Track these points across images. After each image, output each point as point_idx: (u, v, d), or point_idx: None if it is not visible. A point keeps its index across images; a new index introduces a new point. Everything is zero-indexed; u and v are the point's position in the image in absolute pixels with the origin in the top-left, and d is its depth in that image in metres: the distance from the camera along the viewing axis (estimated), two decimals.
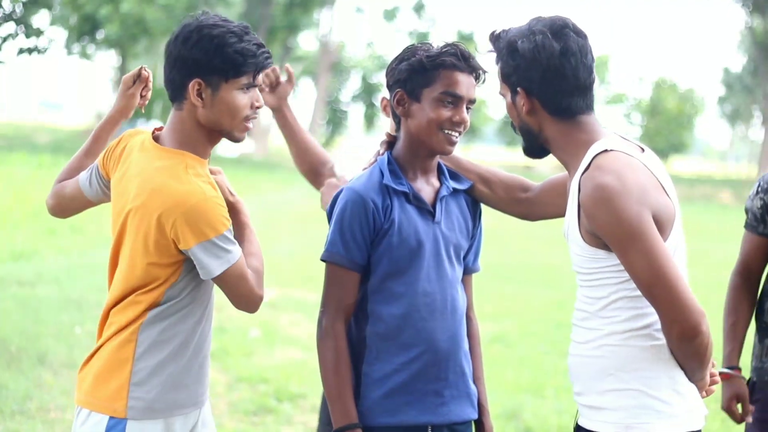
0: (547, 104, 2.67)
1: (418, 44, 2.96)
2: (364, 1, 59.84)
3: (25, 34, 11.05)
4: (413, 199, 2.92)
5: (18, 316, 8.34)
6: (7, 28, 10.81)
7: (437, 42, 2.96)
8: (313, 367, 3.01)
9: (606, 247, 2.57)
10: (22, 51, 11.29)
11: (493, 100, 48.94)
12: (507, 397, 7.01)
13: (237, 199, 2.92)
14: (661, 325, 2.54)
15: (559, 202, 2.96)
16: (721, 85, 63.71)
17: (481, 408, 3.04)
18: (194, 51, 2.69)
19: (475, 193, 3.07)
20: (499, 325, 9.54)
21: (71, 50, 37.46)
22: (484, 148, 57.23)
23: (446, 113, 2.88)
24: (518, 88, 2.69)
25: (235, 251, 2.74)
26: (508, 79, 2.72)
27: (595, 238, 2.57)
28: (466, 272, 3.08)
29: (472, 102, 2.93)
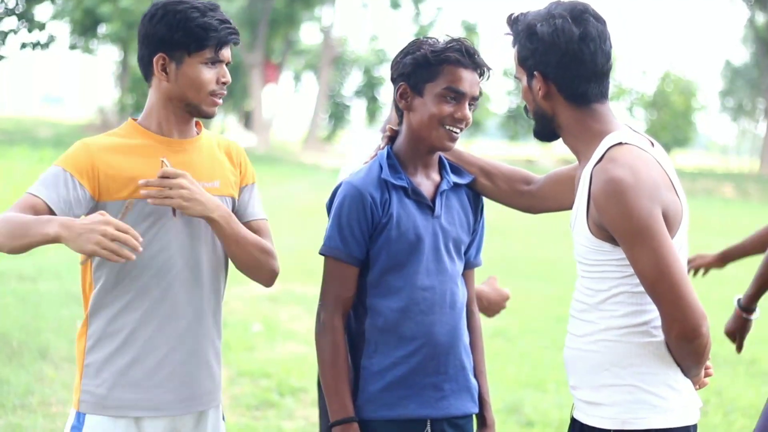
0: (564, 89, 2.65)
1: (424, 38, 2.95)
2: None
3: (28, 29, 11.01)
4: (412, 194, 2.91)
5: (19, 311, 8.35)
6: (9, 23, 10.78)
7: (443, 37, 2.95)
8: (315, 362, 3.01)
9: (612, 241, 2.56)
10: (24, 45, 11.25)
11: (496, 94, 48.91)
12: (508, 392, 7.02)
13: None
14: (661, 322, 2.53)
15: (563, 195, 2.95)
16: (722, 79, 63.63)
17: (482, 402, 3.03)
18: (159, 27, 2.78)
19: (478, 187, 3.05)
20: (500, 320, 9.48)
21: (74, 45, 37.40)
22: (487, 142, 57.11)
23: (448, 109, 2.87)
24: (535, 72, 2.67)
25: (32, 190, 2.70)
26: (525, 63, 2.70)
27: (602, 231, 2.56)
28: (468, 267, 3.06)
29: (475, 99, 2.92)
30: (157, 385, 2.81)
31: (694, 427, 2.66)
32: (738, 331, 3.89)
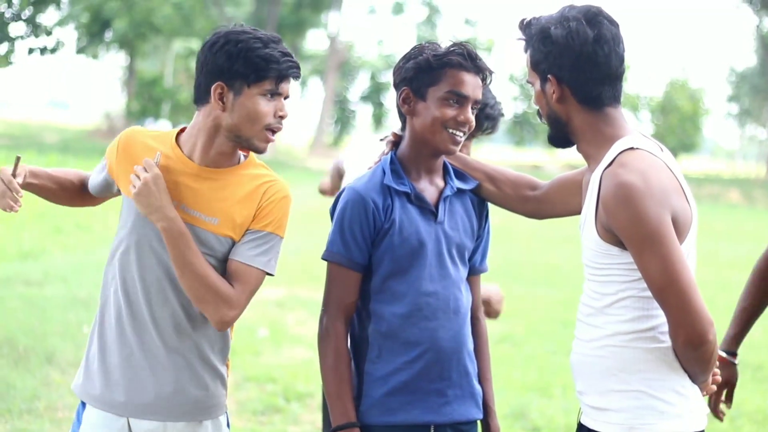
0: (578, 92, 2.65)
1: (426, 43, 2.96)
2: (374, 0, 59.65)
3: (34, 34, 11.04)
4: (415, 199, 2.91)
5: (25, 316, 8.36)
6: (17, 29, 10.81)
7: (445, 42, 2.96)
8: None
9: (620, 245, 2.55)
10: (32, 51, 11.29)
11: (502, 100, 48.87)
12: (514, 397, 7.01)
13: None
14: (668, 328, 2.52)
15: (568, 200, 2.95)
16: (728, 84, 63.54)
17: (487, 409, 3.03)
18: (219, 55, 2.73)
19: (483, 192, 3.05)
20: (506, 325, 9.53)
21: (82, 50, 37.48)
22: (493, 148, 57.17)
23: (451, 112, 2.87)
24: (549, 75, 2.67)
25: None
26: (539, 66, 2.70)
27: (611, 235, 2.56)
28: (474, 273, 3.06)
29: (477, 102, 2.93)
30: (89, 375, 2.89)
31: None
32: (729, 380, 3.30)
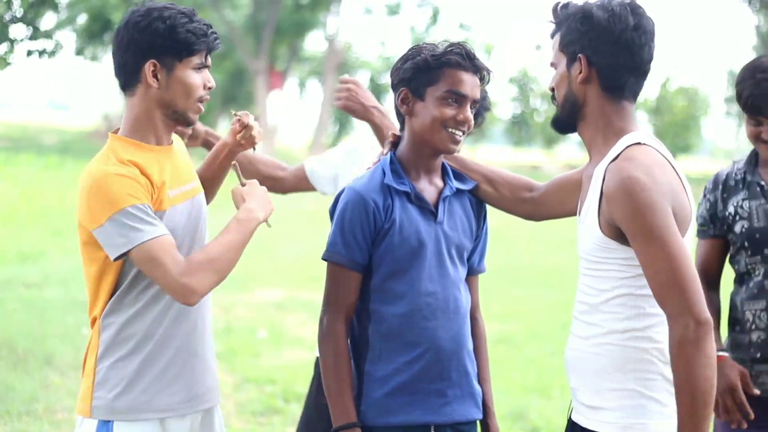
0: (604, 76, 2.66)
1: (424, 44, 2.97)
2: (372, 1, 59.72)
3: (33, 36, 11.03)
4: (415, 199, 2.91)
5: (24, 318, 8.36)
6: (17, 31, 10.80)
7: (443, 42, 2.96)
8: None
9: (620, 239, 2.56)
10: (31, 53, 11.27)
11: (501, 100, 48.89)
12: (513, 398, 7.01)
13: (245, 190, 2.92)
14: (668, 323, 2.51)
15: (566, 201, 2.96)
16: (727, 84, 63.64)
17: (486, 409, 3.04)
18: (147, 33, 2.74)
19: (480, 193, 3.06)
20: (506, 326, 9.53)
21: (81, 51, 37.44)
22: (492, 148, 57.13)
23: (450, 112, 2.88)
24: (580, 55, 2.67)
25: (147, 230, 2.64)
26: (569, 47, 2.70)
27: (613, 229, 2.57)
28: (472, 273, 3.07)
29: (476, 102, 2.94)
30: (168, 386, 2.82)
31: None
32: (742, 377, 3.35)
